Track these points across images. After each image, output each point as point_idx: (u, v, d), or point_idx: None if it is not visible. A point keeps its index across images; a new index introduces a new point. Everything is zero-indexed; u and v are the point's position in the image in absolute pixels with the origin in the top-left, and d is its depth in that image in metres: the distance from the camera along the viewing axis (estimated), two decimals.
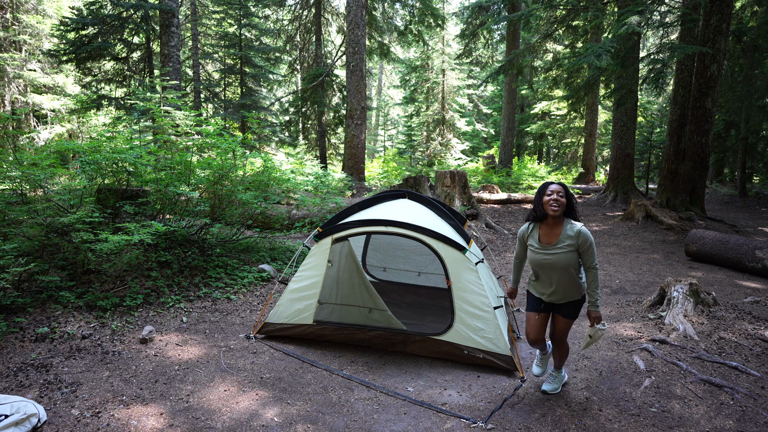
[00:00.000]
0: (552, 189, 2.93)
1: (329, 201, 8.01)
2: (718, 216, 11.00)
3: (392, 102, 36.51)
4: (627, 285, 6.00)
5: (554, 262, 2.91)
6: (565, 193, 2.93)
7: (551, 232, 2.95)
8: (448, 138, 21.65)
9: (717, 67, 9.17)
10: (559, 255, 2.90)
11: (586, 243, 2.89)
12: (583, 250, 2.90)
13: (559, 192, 2.92)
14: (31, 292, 4.21)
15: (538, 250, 2.98)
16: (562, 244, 2.90)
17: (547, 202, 2.90)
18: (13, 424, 2.63)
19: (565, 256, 2.89)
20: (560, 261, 2.89)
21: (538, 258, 2.98)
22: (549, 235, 2.95)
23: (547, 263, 2.93)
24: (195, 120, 6.87)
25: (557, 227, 2.94)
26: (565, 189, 2.95)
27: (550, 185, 2.96)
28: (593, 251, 2.92)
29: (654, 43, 23.66)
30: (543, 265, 2.96)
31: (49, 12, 14.61)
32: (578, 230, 2.89)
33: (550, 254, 2.92)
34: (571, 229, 2.90)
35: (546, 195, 2.93)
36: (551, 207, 2.88)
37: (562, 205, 2.89)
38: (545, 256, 2.94)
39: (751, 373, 3.45)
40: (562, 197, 2.90)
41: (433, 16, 16.64)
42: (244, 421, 2.94)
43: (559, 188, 2.93)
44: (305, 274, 4.11)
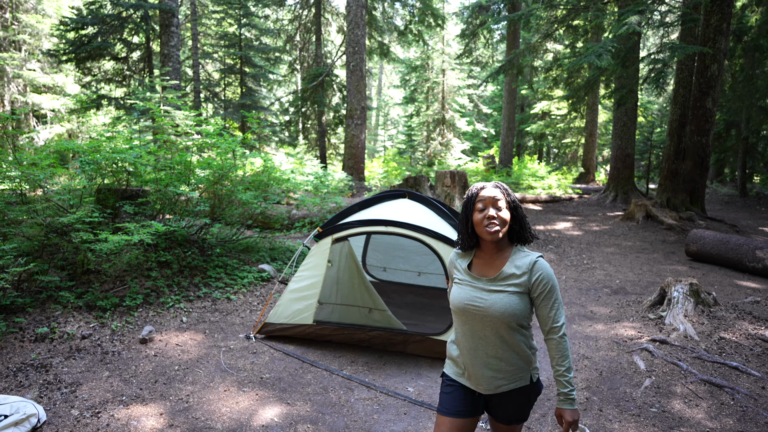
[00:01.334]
0: (485, 196, 1.78)
1: (329, 201, 8.01)
2: (719, 216, 10.99)
3: (392, 102, 36.51)
4: (627, 285, 6.00)
5: (487, 309, 1.73)
6: (507, 202, 1.79)
7: (489, 262, 1.82)
8: (448, 138, 21.64)
9: (717, 66, 9.16)
10: (496, 296, 1.74)
11: (544, 283, 1.73)
12: (540, 294, 1.74)
13: (495, 200, 1.77)
14: (31, 292, 4.21)
15: (464, 282, 1.82)
16: (504, 281, 1.75)
17: (480, 221, 1.76)
18: (13, 425, 2.62)
19: (507, 301, 1.72)
20: (497, 307, 1.72)
21: (463, 297, 1.79)
22: (486, 266, 1.82)
23: (476, 309, 1.75)
24: (195, 120, 6.87)
25: (499, 256, 1.81)
26: (506, 194, 1.81)
27: (481, 190, 1.81)
28: (557, 299, 1.76)
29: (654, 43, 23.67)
30: (469, 313, 1.77)
31: (49, 12, 14.61)
32: (533, 262, 1.76)
33: (484, 293, 1.76)
34: (521, 259, 1.78)
35: (477, 208, 1.79)
36: (486, 229, 1.75)
37: (504, 222, 1.76)
38: (474, 295, 1.77)
39: (751, 374, 3.45)
40: (502, 209, 1.77)
41: (433, 15, 16.63)
42: (244, 421, 2.94)
43: (495, 194, 1.78)
44: (305, 274, 4.11)
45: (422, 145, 22.70)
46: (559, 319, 1.75)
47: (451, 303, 1.85)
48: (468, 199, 1.84)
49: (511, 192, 1.85)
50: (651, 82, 9.20)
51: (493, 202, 1.78)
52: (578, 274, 6.60)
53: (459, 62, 21.90)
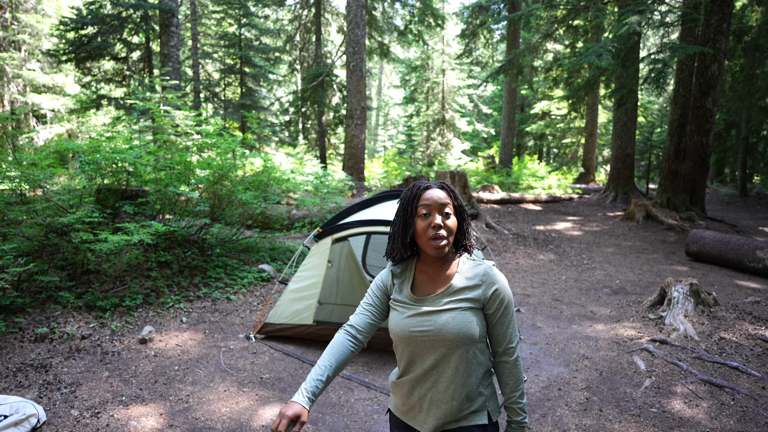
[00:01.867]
0: (431, 198, 1.45)
1: (329, 201, 8.00)
2: (719, 216, 10.99)
3: (392, 102, 36.51)
4: (627, 285, 5.99)
5: (438, 332, 1.43)
6: (455, 206, 1.50)
7: (433, 276, 1.52)
8: (448, 138, 21.64)
9: (718, 66, 9.16)
10: (447, 316, 1.43)
11: (500, 298, 1.45)
12: (496, 310, 1.46)
13: (442, 205, 1.45)
14: (31, 292, 4.21)
15: (406, 306, 1.50)
16: (454, 297, 1.45)
17: (423, 231, 1.45)
18: (13, 425, 2.62)
19: (461, 320, 1.42)
20: (450, 328, 1.42)
21: (407, 324, 1.47)
22: (430, 282, 1.52)
23: (424, 335, 1.44)
24: (195, 120, 6.87)
25: (445, 267, 1.52)
26: (453, 196, 1.51)
27: (425, 190, 1.48)
28: (512, 315, 1.49)
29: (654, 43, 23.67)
30: (415, 340, 1.46)
31: (49, 11, 14.61)
32: (484, 272, 1.47)
33: (431, 315, 1.45)
34: (472, 269, 1.49)
35: (419, 214, 1.46)
36: (432, 243, 1.43)
37: (452, 232, 1.46)
38: (421, 319, 1.45)
39: (751, 374, 3.44)
40: (450, 215, 1.46)
41: (433, 15, 16.63)
42: (244, 421, 2.94)
43: (442, 197, 1.46)
44: (305, 274, 4.10)
45: (422, 145, 22.69)
46: (514, 338, 1.49)
47: (392, 332, 1.51)
48: (407, 201, 1.48)
49: (457, 193, 1.55)
50: (651, 82, 9.20)
51: (439, 207, 1.45)
52: (578, 274, 6.60)
53: (459, 62, 21.91)
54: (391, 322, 1.54)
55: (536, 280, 6.24)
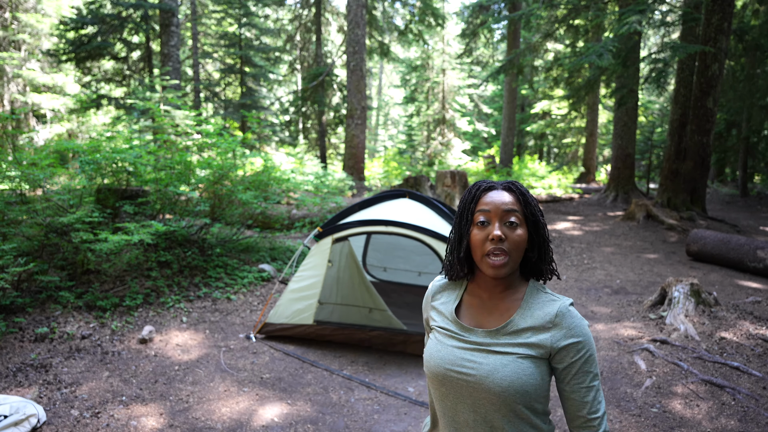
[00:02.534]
0: (491, 202, 1.12)
1: (329, 201, 8.00)
2: (720, 216, 10.98)
3: (392, 102, 36.50)
4: (628, 285, 5.99)
5: (482, 380, 1.08)
6: (525, 214, 1.13)
7: (489, 305, 1.17)
8: (449, 137, 21.63)
9: (718, 66, 9.15)
10: (498, 361, 1.09)
11: (578, 348, 1.09)
12: (570, 364, 1.09)
13: (506, 212, 1.11)
14: (31, 292, 4.20)
15: (448, 333, 1.18)
16: (513, 338, 1.11)
17: (479, 243, 1.11)
18: (13, 425, 2.62)
19: (515, 369, 1.07)
20: (498, 378, 1.07)
21: (445, 357, 1.14)
22: (482, 310, 1.18)
23: (464, 379, 1.10)
24: (195, 120, 6.86)
25: (506, 296, 1.17)
26: (524, 201, 1.14)
27: (486, 191, 1.15)
28: (596, 375, 1.11)
29: (655, 43, 23.65)
30: (452, 383, 1.12)
31: (49, 11, 14.60)
32: (558, 311, 1.11)
33: (477, 354, 1.11)
34: (543, 306, 1.13)
35: (476, 221, 1.13)
36: (488, 260, 1.09)
37: (518, 247, 1.11)
38: (462, 356, 1.12)
39: (752, 374, 3.44)
40: (516, 226, 1.11)
41: (434, 15, 16.62)
42: (244, 421, 2.93)
43: (507, 201, 1.12)
44: (305, 274, 4.10)
45: (422, 144, 22.68)
46: (599, 407, 1.08)
47: (425, 364, 1.17)
48: (464, 205, 1.16)
49: (531, 197, 1.15)
50: (652, 81, 9.19)
51: (501, 215, 1.10)
52: (579, 273, 6.60)
53: (459, 62, 21.89)
54: (426, 351, 1.19)
55: None
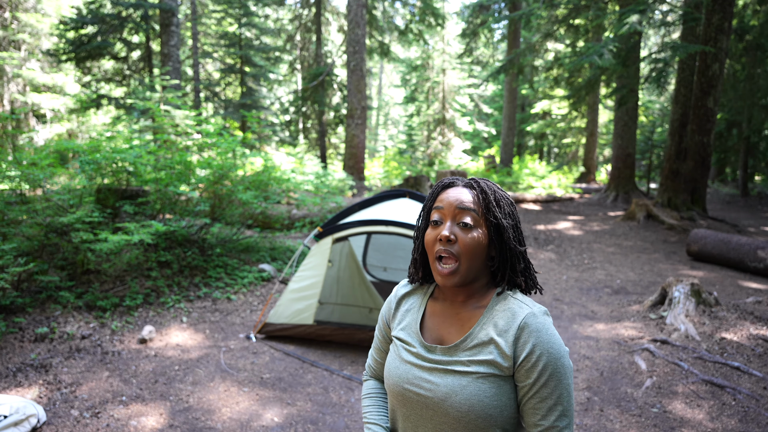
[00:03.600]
0: (447, 200, 1.02)
1: (329, 201, 8.00)
2: (720, 216, 10.97)
3: (392, 101, 36.49)
4: (628, 285, 5.98)
5: (440, 402, 0.97)
6: (485, 215, 1.01)
7: (449, 312, 1.06)
8: (449, 137, 21.62)
9: (719, 66, 9.14)
10: (455, 381, 0.97)
11: (540, 364, 0.92)
12: (530, 382, 0.93)
13: (458, 208, 1.00)
14: (31, 292, 4.20)
15: (406, 348, 1.07)
16: (473, 354, 0.98)
17: (430, 245, 1.03)
18: (12, 425, 2.62)
19: (471, 391, 0.94)
20: (456, 401, 0.95)
21: (402, 375, 1.03)
22: (443, 320, 1.06)
23: (420, 399, 1.00)
24: (195, 119, 6.86)
25: (469, 305, 1.05)
26: (484, 202, 1.01)
27: (444, 188, 1.06)
28: (561, 396, 0.93)
29: (655, 42, 23.63)
30: (410, 402, 1.02)
31: (49, 11, 14.60)
32: (524, 322, 0.95)
33: (435, 373, 1.00)
34: (506, 314, 0.99)
35: (431, 218, 1.05)
36: (437, 267, 1.01)
37: (471, 254, 0.99)
38: (419, 375, 1.01)
39: (753, 374, 3.43)
40: (470, 228, 0.99)
41: (434, 15, 16.61)
42: (244, 421, 2.93)
43: (460, 198, 1.01)
44: (305, 274, 4.10)
45: (423, 144, 22.67)
46: (558, 419, 0.93)
47: (385, 379, 1.08)
48: (426, 202, 1.09)
49: (498, 196, 1.03)
50: (652, 81, 9.18)
51: (455, 214, 0.99)
52: (579, 273, 6.59)
53: (459, 62, 21.87)
54: (386, 364, 1.09)
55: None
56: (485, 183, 1.05)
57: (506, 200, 1.04)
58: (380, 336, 1.20)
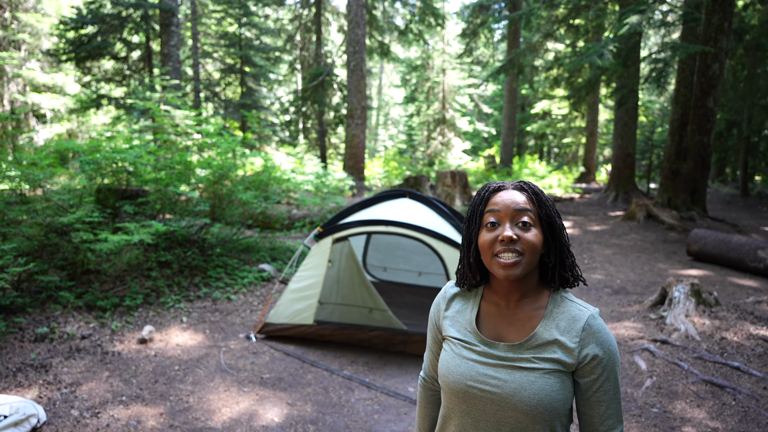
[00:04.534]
0: (501, 202, 1.06)
1: (329, 201, 8.00)
2: (720, 216, 10.97)
3: (392, 101, 36.49)
4: (628, 285, 5.98)
5: (508, 397, 1.01)
6: (539, 214, 1.06)
7: (507, 312, 1.10)
8: (449, 137, 21.62)
9: (719, 66, 9.14)
10: (524, 377, 1.02)
11: (604, 364, 1.02)
12: (594, 379, 1.03)
13: (517, 212, 1.04)
14: (31, 292, 4.20)
15: (466, 346, 1.09)
16: (538, 352, 1.03)
17: (488, 245, 1.04)
18: (13, 425, 2.62)
19: (542, 386, 1.00)
20: (525, 396, 1.00)
21: (465, 372, 1.06)
22: (502, 319, 1.10)
23: (487, 396, 1.03)
24: (195, 119, 6.86)
25: (526, 305, 1.09)
26: (538, 201, 1.07)
27: (496, 192, 1.09)
28: (616, 390, 1.04)
29: (656, 42, 23.64)
30: (473, 399, 1.05)
31: (49, 11, 14.60)
32: (586, 323, 1.03)
33: (501, 370, 1.04)
34: (568, 315, 1.05)
35: (486, 222, 1.07)
36: (498, 260, 1.02)
37: (532, 249, 1.03)
38: (484, 372, 1.05)
39: (753, 374, 3.43)
40: (529, 226, 1.04)
41: (434, 15, 16.61)
42: (244, 421, 2.93)
43: (518, 200, 1.05)
44: (305, 274, 4.10)
45: (423, 144, 22.67)
46: (614, 424, 1.04)
47: (442, 378, 1.09)
48: (473, 207, 1.10)
49: (546, 197, 1.08)
50: (652, 81, 9.18)
51: (513, 215, 1.03)
52: None
53: (459, 62, 21.87)
54: (441, 363, 1.11)
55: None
56: (533, 185, 1.11)
57: (551, 199, 1.11)
58: (431, 338, 1.24)
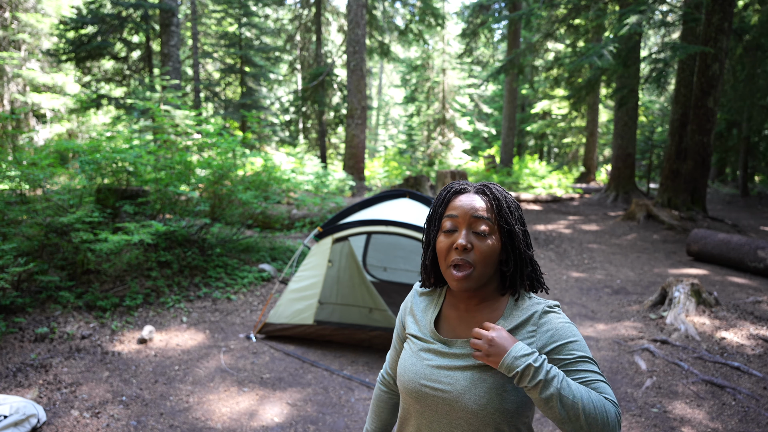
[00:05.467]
0: (460, 207, 1.02)
1: (329, 201, 8.00)
2: (720, 216, 10.97)
3: (392, 101, 36.48)
4: (628, 285, 5.98)
5: (457, 398, 0.98)
6: (498, 222, 1.01)
7: (468, 316, 1.07)
8: (449, 137, 21.61)
9: (719, 66, 9.14)
10: (471, 378, 0.99)
11: (568, 346, 0.97)
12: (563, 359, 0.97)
13: (473, 217, 1.00)
14: (31, 292, 4.20)
15: (424, 346, 1.07)
16: None
17: (444, 252, 1.02)
18: (12, 425, 2.62)
19: (489, 386, 0.97)
20: (473, 396, 0.97)
21: (419, 371, 1.04)
22: (462, 323, 1.07)
23: (438, 396, 1.00)
24: (195, 119, 6.86)
25: (482, 307, 1.06)
26: (497, 208, 1.02)
27: (457, 195, 1.05)
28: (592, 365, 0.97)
29: (655, 43, 23.63)
30: (426, 399, 1.02)
31: (49, 11, 14.60)
32: (538, 316, 1.01)
33: (453, 370, 1.01)
34: (522, 312, 1.03)
35: (444, 227, 1.04)
36: (451, 272, 1.00)
37: (485, 261, 0.99)
38: (439, 371, 1.02)
39: (753, 374, 3.44)
40: (485, 235, 0.99)
41: (434, 15, 16.61)
42: (244, 421, 2.93)
43: (475, 205, 1.01)
44: (305, 274, 4.10)
45: (423, 144, 22.67)
46: (606, 388, 0.96)
47: (398, 377, 1.06)
48: (435, 207, 1.07)
49: (509, 202, 1.03)
50: (652, 81, 9.18)
51: (470, 222, 0.99)
52: (579, 273, 6.59)
53: (460, 62, 21.87)
54: (399, 362, 1.08)
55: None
56: (496, 189, 1.06)
57: (515, 205, 1.06)
58: (396, 336, 1.22)
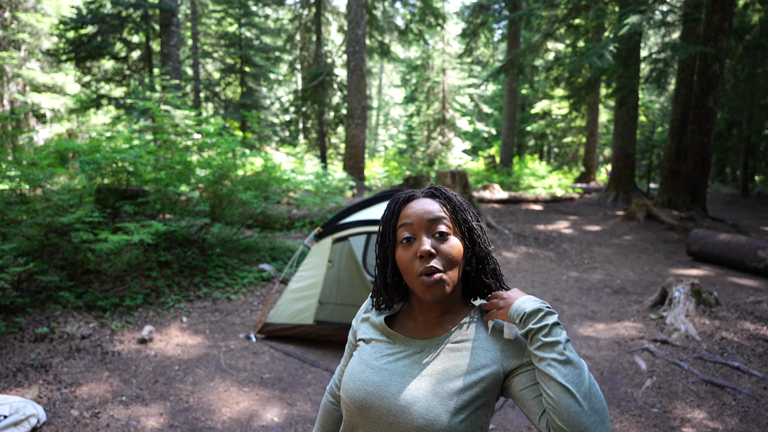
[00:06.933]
0: (411, 213, 0.95)
1: (329, 201, 8.00)
2: (720, 216, 10.97)
3: (392, 101, 36.48)
4: (628, 285, 5.98)
5: (397, 414, 0.86)
6: (455, 220, 0.96)
7: (425, 328, 0.98)
8: (449, 137, 21.61)
9: (719, 66, 9.14)
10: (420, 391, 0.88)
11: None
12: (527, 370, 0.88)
13: (429, 220, 0.93)
14: (31, 292, 4.20)
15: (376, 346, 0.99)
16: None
17: (409, 263, 0.92)
18: (12, 425, 2.62)
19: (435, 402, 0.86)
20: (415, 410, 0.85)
21: (367, 379, 0.93)
22: (418, 332, 0.98)
23: (383, 406, 0.88)
24: (195, 119, 6.86)
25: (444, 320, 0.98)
26: (451, 207, 0.97)
27: (407, 202, 0.98)
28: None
29: (656, 43, 23.63)
30: (372, 409, 0.89)
31: (49, 11, 14.61)
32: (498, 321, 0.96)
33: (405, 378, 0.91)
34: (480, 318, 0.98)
35: (401, 239, 0.95)
36: (423, 279, 0.89)
37: (452, 262, 0.92)
38: (388, 383, 0.91)
39: (753, 374, 3.43)
40: (447, 236, 0.93)
41: (434, 15, 16.61)
42: (244, 421, 2.93)
43: (429, 209, 0.95)
44: (305, 274, 4.10)
45: (423, 144, 22.67)
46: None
47: (342, 387, 0.97)
48: (385, 221, 0.99)
49: (460, 201, 0.99)
50: (652, 81, 9.18)
51: (427, 226, 0.93)
52: (579, 273, 6.59)
53: (460, 61, 21.87)
54: (345, 372, 0.99)
55: (537, 279, 6.23)
56: (445, 190, 1.00)
57: (467, 203, 1.01)
58: (347, 347, 1.13)
